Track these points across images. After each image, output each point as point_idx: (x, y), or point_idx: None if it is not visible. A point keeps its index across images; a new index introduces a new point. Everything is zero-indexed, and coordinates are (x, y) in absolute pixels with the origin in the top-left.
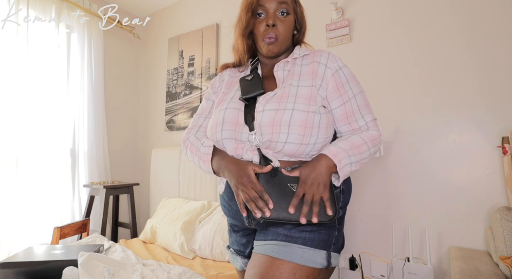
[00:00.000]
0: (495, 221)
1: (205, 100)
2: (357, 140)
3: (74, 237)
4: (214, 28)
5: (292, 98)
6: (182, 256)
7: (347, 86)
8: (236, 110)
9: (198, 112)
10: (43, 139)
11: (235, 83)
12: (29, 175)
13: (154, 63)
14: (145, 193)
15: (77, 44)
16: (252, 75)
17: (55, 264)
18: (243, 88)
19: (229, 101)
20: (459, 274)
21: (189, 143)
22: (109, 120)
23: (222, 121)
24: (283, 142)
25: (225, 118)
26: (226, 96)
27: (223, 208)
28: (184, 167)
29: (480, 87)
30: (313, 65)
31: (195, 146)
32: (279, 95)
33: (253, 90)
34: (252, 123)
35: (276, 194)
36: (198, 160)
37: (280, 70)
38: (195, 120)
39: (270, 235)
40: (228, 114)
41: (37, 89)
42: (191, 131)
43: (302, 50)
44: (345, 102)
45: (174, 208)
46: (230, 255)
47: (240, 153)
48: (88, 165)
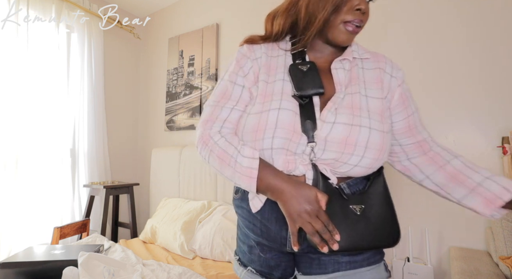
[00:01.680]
0: (495, 221)
1: (229, 83)
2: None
3: (74, 237)
4: (214, 28)
5: (366, 112)
6: (182, 256)
7: (411, 100)
8: (293, 113)
9: (216, 98)
10: (43, 139)
11: (277, 68)
12: (29, 175)
13: (154, 63)
14: (145, 193)
15: (77, 44)
16: (308, 65)
17: (55, 264)
18: (296, 80)
19: (281, 97)
20: (459, 274)
21: (215, 146)
22: (109, 120)
23: (274, 126)
24: (352, 164)
25: (279, 123)
26: (271, 88)
27: (253, 228)
28: (184, 167)
29: (480, 87)
30: (378, 72)
31: (227, 153)
32: (349, 105)
33: (310, 86)
34: (312, 132)
35: (337, 219)
36: (233, 172)
37: (340, 69)
38: (215, 111)
39: (330, 266)
40: (283, 117)
41: (37, 89)
42: (212, 125)
43: (360, 48)
44: (409, 115)
45: (174, 208)
46: (244, 273)
47: (291, 168)
48: (88, 165)
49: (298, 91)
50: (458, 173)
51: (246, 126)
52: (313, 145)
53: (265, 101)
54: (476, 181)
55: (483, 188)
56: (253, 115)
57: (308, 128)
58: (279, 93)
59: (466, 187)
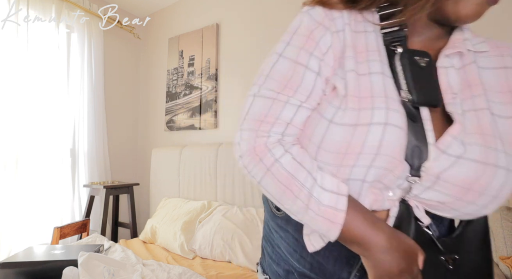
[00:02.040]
0: (495, 221)
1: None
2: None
3: (74, 237)
4: (214, 28)
5: (499, 141)
6: (182, 256)
7: None
8: (402, 132)
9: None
10: (43, 139)
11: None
12: (29, 175)
13: (154, 63)
14: (145, 193)
15: (77, 44)
16: (425, 57)
17: (55, 264)
18: (412, 79)
19: (386, 103)
20: None
21: (276, 166)
22: (109, 120)
23: (376, 151)
24: (462, 213)
25: (384, 147)
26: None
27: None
28: (184, 167)
29: None
30: (506, 74)
31: (297, 180)
32: (478, 130)
33: (426, 92)
34: (419, 162)
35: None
36: (304, 209)
37: (450, 68)
38: (274, 107)
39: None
40: (390, 139)
41: (37, 89)
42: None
43: (475, 38)
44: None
45: (174, 208)
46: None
47: (376, 208)
48: (88, 165)
49: (416, 96)
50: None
51: (328, 142)
52: (415, 180)
53: (362, 107)
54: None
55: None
56: (342, 127)
57: (415, 155)
58: (382, 96)
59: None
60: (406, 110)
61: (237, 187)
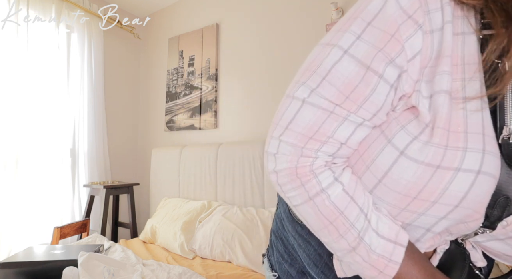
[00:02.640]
0: None
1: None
2: None
3: (74, 237)
4: (214, 28)
5: None
6: (182, 256)
7: None
8: (494, 181)
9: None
10: (43, 139)
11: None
12: (29, 175)
13: (154, 63)
14: (145, 193)
15: (77, 44)
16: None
17: (55, 264)
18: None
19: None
20: None
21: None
22: (109, 120)
23: (458, 202)
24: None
25: (468, 199)
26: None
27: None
28: (184, 167)
29: None
30: None
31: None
32: None
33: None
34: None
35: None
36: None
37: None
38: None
39: None
40: (478, 191)
41: (37, 89)
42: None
43: None
44: None
45: (174, 208)
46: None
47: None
48: (88, 165)
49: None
50: None
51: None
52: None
53: (450, 145)
54: None
55: None
56: (418, 165)
57: (498, 206)
58: (479, 133)
59: None
60: (506, 152)
61: (237, 187)
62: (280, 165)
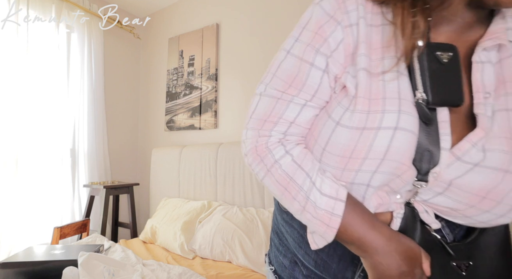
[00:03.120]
0: None
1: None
2: None
3: (74, 237)
4: (214, 28)
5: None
6: (182, 256)
7: None
8: (413, 137)
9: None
10: (43, 139)
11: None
12: (29, 175)
13: (154, 63)
14: (145, 193)
15: (77, 44)
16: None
17: (55, 264)
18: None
19: (398, 106)
20: None
21: (275, 167)
22: (109, 120)
23: (382, 156)
24: (477, 221)
25: (390, 152)
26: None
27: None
28: (184, 167)
29: None
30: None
31: (295, 183)
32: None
33: (447, 91)
34: (428, 167)
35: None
36: (301, 211)
37: (487, 63)
38: (278, 106)
39: None
40: (399, 144)
41: (37, 89)
42: (271, 130)
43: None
44: None
45: (174, 208)
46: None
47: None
48: (88, 165)
49: (433, 97)
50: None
51: (333, 144)
52: (421, 185)
53: (371, 110)
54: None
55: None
56: (349, 130)
57: (423, 159)
58: (395, 98)
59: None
60: (420, 112)
61: (237, 187)
62: (246, 148)
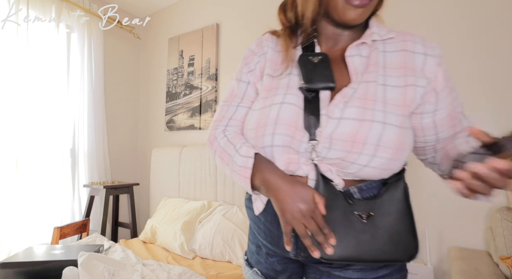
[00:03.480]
0: (495, 221)
1: (235, 81)
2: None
3: (74, 237)
4: (214, 28)
5: (381, 104)
6: (182, 256)
7: (451, 81)
8: (296, 108)
9: (225, 97)
10: (43, 139)
11: (284, 62)
12: (29, 175)
13: (154, 63)
14: (145, 193)
15: (77, 44)
16: (319, 56)
17: (55, 264)
18: (305, 72)
19: (286, 91)
20: (459, 274)
21: (217, 146)
22: (109, 120)
23: (275, 122)
24: (362, 165)
25: (280, 118)
26: (276, 82)
27: (258, 231)
28: (184, 167)
29: (480, 87)
30: (404, 55)
31: (227, 153)
32: (362, 97)
33: (320, 79)
34: (314, 129)
35: (338, 226)
36: (231, 171)
37: (356, 56)
38: (223, 110)
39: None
40: (285, 112)
41: (37, 89)
42: (218, 125)
43: (382, 28)
44: (454, 99)
45: (174, 208)
46: (250, 273)
47: (294, 169)
48: (88, 165)
49: (307, 83)
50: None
51: (248, 123)
52: (314, 143)
53: (268, 95)
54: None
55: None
56: (255, 111)
57: (310, 124)
58: (284, 87)
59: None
60: (304, 94)
61: (237, 187)
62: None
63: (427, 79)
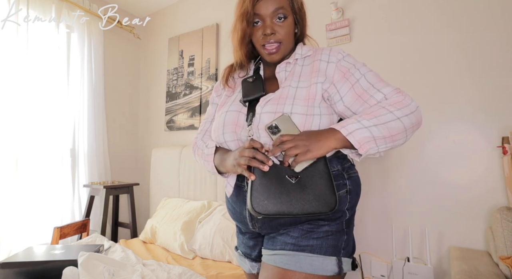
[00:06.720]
0: (495, 221)
1: (210, 104)
2: (370, 109)
3: (74, 237)
4: (214, 28)
5: (290, 99)
6: (182, 256)
7: (353, 69)
8: (237, 113)
9: (205, 116)
10: (43, 139)
11: (238, 85)
12: (29, 175)
13: (154, 63)
14: (145, 193)
15: (77, 44)
16: (253, 77)
17: (55, 264)
18: (244, 90)
19: (231, 103)
20: (459, 274)
21: (196, 148)
22: (109, 120)
23: (223, 124)
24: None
25: (225, 121)
26: (228, 99)
27: (229, 211)
28: (184, 167)
29: (480, 87)
30: (314, 64)
31: (201, 149)
32: (277, 97)
33: (254, 92)
34: (250, 123)
35: (273, 187)
36: (203, 162)
37: (281, 72)
38: (202, 125)
39: (279, 244)
40: (228, 117)
41: (37, 89)
42: (198, 135)
43: (304, 49)
44: (354, 83)
45: (174, 208)
46: (238, 257)
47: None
48: (88, 165)
49: (244, 97)
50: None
51: (212, 129)
52: (250, 134)
53: (221, 108)
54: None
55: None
56: (215, 119)
57: (249, 119)
58: (231, 101)
59: None
60: (243, 104)
61: None
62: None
63: (326, 77)
